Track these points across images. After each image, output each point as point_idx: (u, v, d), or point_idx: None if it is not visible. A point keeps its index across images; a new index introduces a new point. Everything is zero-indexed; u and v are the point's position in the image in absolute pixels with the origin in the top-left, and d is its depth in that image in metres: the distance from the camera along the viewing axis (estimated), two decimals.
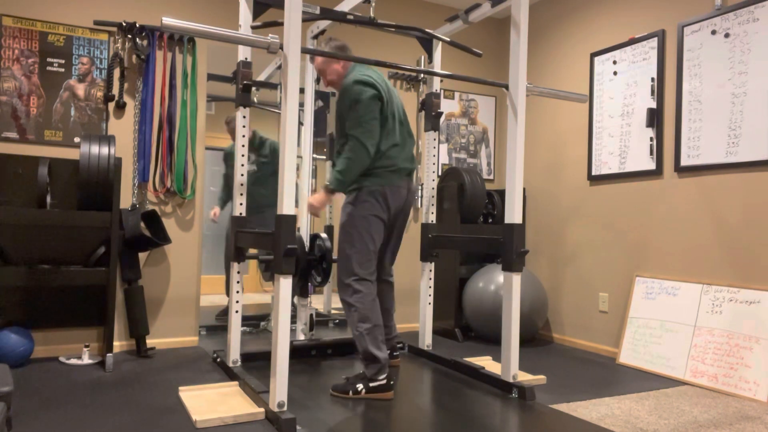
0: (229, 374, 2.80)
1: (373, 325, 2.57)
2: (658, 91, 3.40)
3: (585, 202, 3.88)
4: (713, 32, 3.10)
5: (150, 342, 3.40)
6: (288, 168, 2.21)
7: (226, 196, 4.19)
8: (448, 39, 3.13)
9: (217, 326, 3.93)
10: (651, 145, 3.42)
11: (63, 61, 3.23)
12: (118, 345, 3.33)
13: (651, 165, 3.41)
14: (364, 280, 2.61)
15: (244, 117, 2.85)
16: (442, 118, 4.45)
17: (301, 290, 3.41)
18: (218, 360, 3.06)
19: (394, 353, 3.06)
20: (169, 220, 3.48)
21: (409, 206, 2.84)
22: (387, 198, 2.65)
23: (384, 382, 2.56)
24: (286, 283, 2.22)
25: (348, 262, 2.62)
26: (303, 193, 3.53)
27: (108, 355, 2.91)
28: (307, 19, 2.93)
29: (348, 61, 2.62)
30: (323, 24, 3.43)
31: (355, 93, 2.58)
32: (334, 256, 3.15)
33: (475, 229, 3.98)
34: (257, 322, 4.10)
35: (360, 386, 2.56)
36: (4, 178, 3.05)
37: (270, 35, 2.31)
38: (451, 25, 3.28)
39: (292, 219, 2.22)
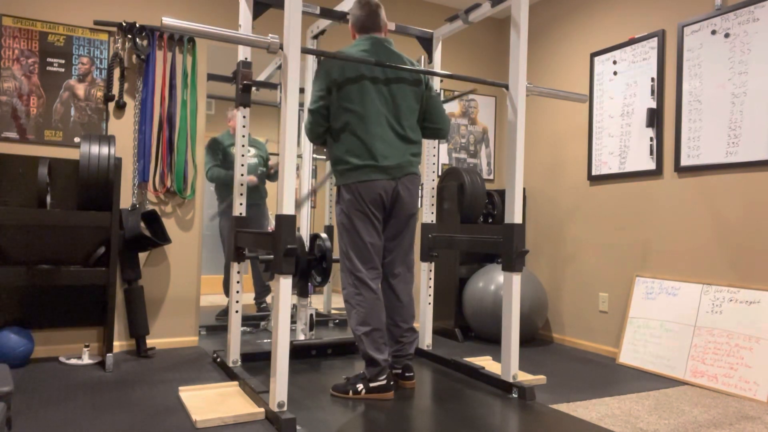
0: (229, 374, 2.80)
1: (372, 328, 2.54)
2: (658, 91, 3.40)
3: (585, 202, 3.88)
4: (713, 32, 3.10)
5: (150, 342, 3.40)
6: (288, 168, 2.21)
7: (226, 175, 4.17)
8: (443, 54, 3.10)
9: (217, 326, 3.93)
10: (651, 145, 3.42)
11: (63, 61, 3.23)
12: (118, 345, 3.33)
13: (651, 165, 3.41)
14: (365, 282, 2.57)
15: (244, 117, 2.85)
16: None
17: (300, 290, 3.41)
18: (218, 360, 3.06)
19: (407, 374, 2.73)
20: (169, 220, 3.48)
21: (405, 203, 2.66)
22: (361, 193, 2.55)
23: (384, 382, 2.55)
24: (286, 283, 2.22)
25: (346, 259, 2.62)
26: (303, 193, 3.53)
27: (108, 355, 2.91)
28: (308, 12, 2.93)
29: (356, 62, 2.55)
30: (323, 24, 3.43)
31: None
32: (335, 256, 3.15)
33: (475, 229, 3.98)
34: (257, 322, 4.10)
35: (360, 386, 2.56)
36: (4, 178, 3.05)
37: (270, 35, 2.31)
38: (451, 25, 3.28)
39: (292, 219, 2.22)
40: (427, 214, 3.38)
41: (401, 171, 2.61)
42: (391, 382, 2.57)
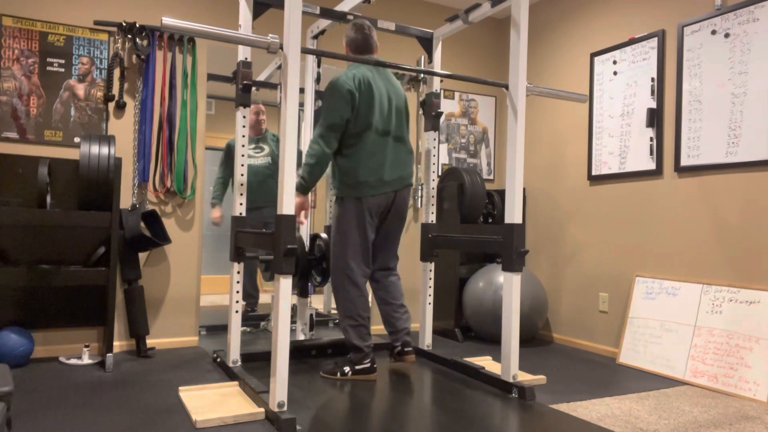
0: (229, 374, 2.80)
1: (359, 323, 2.81)
2: (658, 91, 3.40)
3: (585, 202, 3.88)
4: (713, 32, 3.10)
5: (150, 342, 3.40)
6: (288, 168, 2.21)
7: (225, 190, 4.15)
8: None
9: (217, 326, 3.93)
10: (651, 145, 3.42)
11: (63, 61, 3.23)
12: (118, 345, 3.33)
13: (651, 165, 3.41)
14: (354, 281, 2.81)
15: (244, 117, 2.85)
16: (442, 118, 4.45)
17: (301, 290, 3.41)
18: (218, 360, 3.06)
19: (406, 348, 2.97)
20: (169, 220, 3.48)
21: (400, 209, 2.93)
22: (369, 204, 2.80)
23: (368, 365, 2.83)
24: (286, 283, 2.22)
25: (340, 259, 2.84)
26: None
27: (108, 355, 2.91)
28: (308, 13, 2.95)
29: (356, 62, 2.76)
30: (323, 24, 3.43)
31: (327, 88, 2.76)
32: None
33: (475, 229, 3.98)
34: (257, 322, 4.10)
35: (347, 369, 2.83)
36: (4, 178, 3.05)
37: (270, 35, 2.31)
38: (451, 25, 3.28)
39: (292, 219, 2.22)
40: (427, 214, 3.38)
41: (401, 183, 2.90)
42: (375, 365, 2.85)
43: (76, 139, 3.25)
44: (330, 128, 2.71)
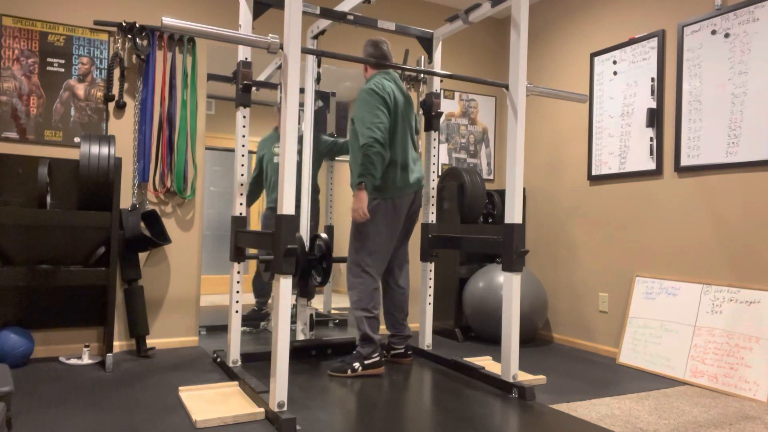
0: (229, 374, 2.80)
1: (373, 316, 2.91)
2: (658, 91, 3.40)
3: (585, 202, 3.88)
4: (713, 32, 3.10)
5: (150, 342, 3.40)
6: (288, 168, 2.21)
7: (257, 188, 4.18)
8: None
9: (217, 326, 3.93)
10: (651, 145, 3.42)
11: (63, 61, 3.23)
12: (118, 345, 3.33)
13: (651, 165, 3.41)
14: (371, 275, 2.91)
15: (244, 117, 2.85)
16: (442, 118, 4.44)
17: (302, 291, 3.41)
18: (218, 360, 3.06)
19: (408, 352, 3.22)
20: (169, 220, 3.48)
21: (415, 211, 3.11)
22: (396, 205, 2.95)
23: (377, 359, 2.91)
24: (286, 283, 2.22)
25: (357, 253, 2.93)
26: (303, 193, 3.53)
27: (108, 355, 2.91)
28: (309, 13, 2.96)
29: (356, 62, 2.99)
30: (323, 24, 3.43)
31: (362, 95, 2.86)
32: (337, 255, 3.18)
33: (475, 229, 3.98)
34: (257, 322, 4.10)
35: (356, 364, 2.88)
36: (4, 178, 3.05)
37: (270, 35, 2.32)
38: (451, 25, 3.28)
39: (292, 219, 2.22)
40: (427, 214, 3.38)
41: (419, 184, 3.08)
42: (383, 359, 2.94)
43: (76, 139, 3.25)
44: (381, 130, 2.79)
